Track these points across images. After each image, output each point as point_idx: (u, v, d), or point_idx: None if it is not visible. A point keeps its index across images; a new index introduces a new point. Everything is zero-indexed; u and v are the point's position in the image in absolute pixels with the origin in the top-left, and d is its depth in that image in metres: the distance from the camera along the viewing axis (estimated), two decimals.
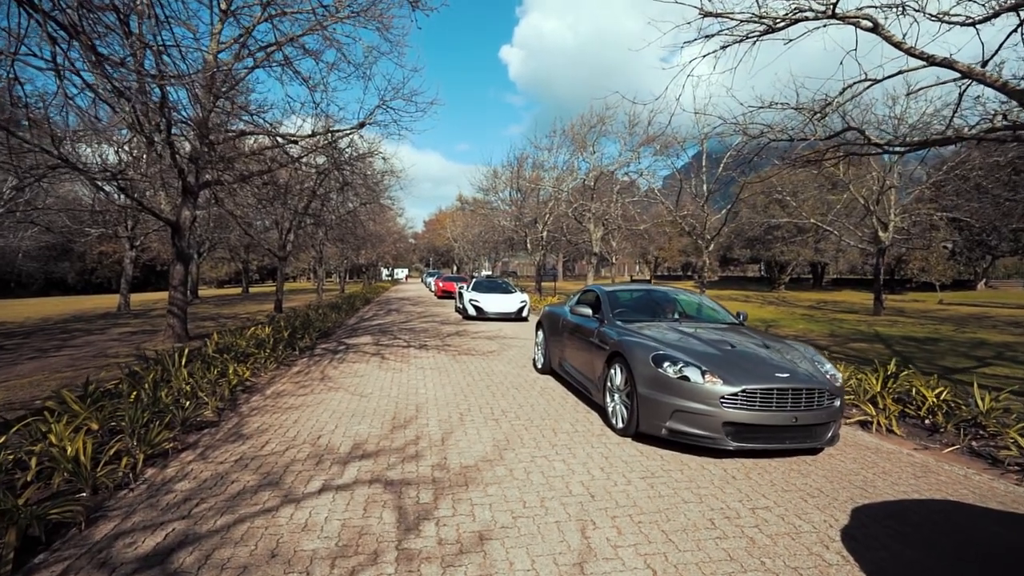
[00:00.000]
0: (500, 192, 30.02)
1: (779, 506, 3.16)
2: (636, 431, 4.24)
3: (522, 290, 18.14)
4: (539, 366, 7.28)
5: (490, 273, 50.08)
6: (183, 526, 2.80)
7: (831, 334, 13.07)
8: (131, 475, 3.45)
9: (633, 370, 4.25)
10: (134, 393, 4.80)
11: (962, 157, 17.22)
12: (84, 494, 3.21)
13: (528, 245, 27.39)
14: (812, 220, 21.94)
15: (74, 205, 18.95)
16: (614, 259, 38.34)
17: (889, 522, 2.98)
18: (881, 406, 5.32)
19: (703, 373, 3.89)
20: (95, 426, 4.28)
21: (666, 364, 4.04)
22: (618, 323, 5.29)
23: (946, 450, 4.39)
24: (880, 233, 18.47)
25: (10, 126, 7.39)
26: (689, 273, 56.26)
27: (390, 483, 3.39)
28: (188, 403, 4.83)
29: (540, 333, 7.39)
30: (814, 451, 4.17)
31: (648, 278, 55.38)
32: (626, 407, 4.40)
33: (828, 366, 4.32)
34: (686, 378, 3.91)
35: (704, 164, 17.63)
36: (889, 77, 6.58)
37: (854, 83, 6.84)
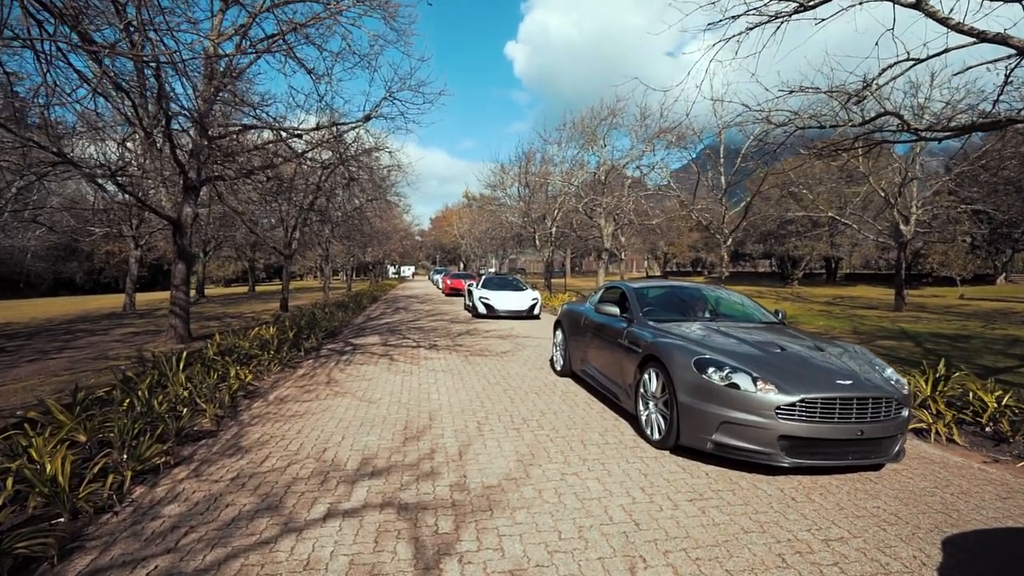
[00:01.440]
0: (508, 188, 29.59)
1: (855, 536, 2.73)
2: (676, 443, 3.81)
3: (533, 287, 17.71)
4: (558, 368, 6.86)
5: (497, 270, 49.63)
6: (167, 562, 2.42)
7: (854, 331, 12.53)
8: (116, 496, 3.08)
9: (672, 376, 3.82)
10: (127, 401, 4.44)
11: (986, 148, 16.56)
12: (62, 520, 2.86)
13: (536, 241, 26.89)
14: (829, 213, 21.30)
15: (78, 204, 18.75)
16: (623, 255, 37.71)
17: (996, 558, 2.54)
18: (935, 411, 4.87)
19: (754, 380, 3.46)
20: (83, 438, 3.93)
21: (711, 370, 3.61)
22: (649, 323, 4.85)
23: (1020, 463, 3.93)
24: (902, 226, 17.83)
25: (7, 123, 7.07)
26: (699, 269, 55.37)
27: (404, 507, 3.00)
28: (185, 411, 4.48)
29: (559, 333, 6.96)
30: (876, 466, 3.73)
31: (660, 274, 54.67)
32: (663, 416, 3.97)
33: (890, 371, 3.87)
34: (735, 385, 3.48)
35: (722, 155, 17.05)
36: (934, 56, 6.06)
37: (895, 63, 6.32)
